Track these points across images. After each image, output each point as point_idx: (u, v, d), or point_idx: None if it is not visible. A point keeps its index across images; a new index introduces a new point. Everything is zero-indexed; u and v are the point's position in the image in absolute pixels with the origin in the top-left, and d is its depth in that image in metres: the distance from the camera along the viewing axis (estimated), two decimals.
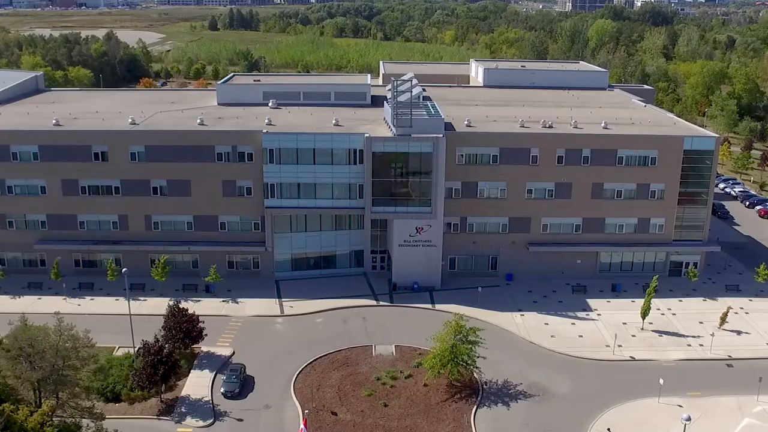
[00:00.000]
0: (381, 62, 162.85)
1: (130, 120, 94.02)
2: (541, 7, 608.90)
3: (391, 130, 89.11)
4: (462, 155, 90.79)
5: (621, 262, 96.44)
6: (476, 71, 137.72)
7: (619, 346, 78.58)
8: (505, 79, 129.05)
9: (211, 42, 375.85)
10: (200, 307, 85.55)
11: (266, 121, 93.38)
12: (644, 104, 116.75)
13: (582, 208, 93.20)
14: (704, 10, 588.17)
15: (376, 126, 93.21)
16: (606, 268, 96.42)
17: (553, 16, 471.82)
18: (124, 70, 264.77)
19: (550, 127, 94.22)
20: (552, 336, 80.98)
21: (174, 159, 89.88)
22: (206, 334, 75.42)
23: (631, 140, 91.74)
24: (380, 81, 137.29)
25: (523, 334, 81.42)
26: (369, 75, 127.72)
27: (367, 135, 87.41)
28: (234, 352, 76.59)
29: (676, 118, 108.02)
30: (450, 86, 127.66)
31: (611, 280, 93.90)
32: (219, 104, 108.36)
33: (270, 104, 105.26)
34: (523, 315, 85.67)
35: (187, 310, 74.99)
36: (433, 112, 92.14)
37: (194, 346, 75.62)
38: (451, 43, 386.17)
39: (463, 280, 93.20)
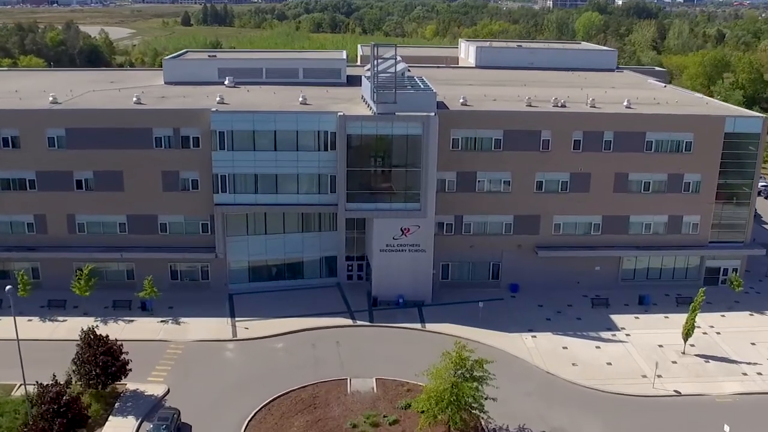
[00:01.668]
0: (359, 45, 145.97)
1: (50, 98, 76.43)
2: (520, 5, 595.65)
3: (371, 108, 72.48)
4: (457, 139, 74.24)
5: (647, 268, 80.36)
6: (466, 52, 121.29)
7: (659, 376, 62.22)
8: (500, 59, 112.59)
9: (180, 36, 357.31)
10: (132, 329, 68.88)
11: (217, 99, 76.25)
12: (664, 85, 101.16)
13: (602, 203, 77.00)
14: (684, 9, 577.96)
15: (353, 105, 76.49)
16: (629, 275, 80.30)
17: (536, 11, 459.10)
18: (84, 61, 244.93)
19: (563, 106, 77.98)
20: (573, 364, 64.52)
21: (102, 145, 72.55)
22: (131, 369, 58.08)
23: (663, 121, 75.55)
24: (358, 63, 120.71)
25: (538, 361, 64.87)
26: (344, 51, 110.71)
27: (341, 113, 70.69)
28: (168, 391, 59.21)
29: (708, 98, 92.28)
30: (438, 66, 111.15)
31: (637, 291, 77.64)
32: (166, 83, 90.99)
33: (226, 82, 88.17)
34: (535, 336, 69.17)
35: (106, 337, 57.84)
36: (422, 86, 75.59)
37: (117, 383, 58.36)
38: (432, 38, 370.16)
39: (458, 293, 76.63)
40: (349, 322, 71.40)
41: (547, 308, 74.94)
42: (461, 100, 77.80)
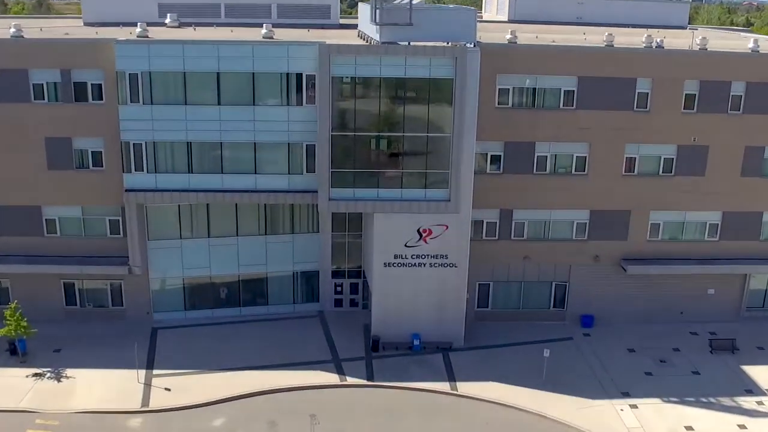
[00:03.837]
0: (359, 2, 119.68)
1: None
2: None
3: (371, 39, 46.41)
4: (506, 91, 48.03)
5: None
6: (496, 5, 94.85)
7: None
8: (541, 12, 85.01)
9: None
10: None
11: (138, 31, 50.10)
12: (766, 37, 75.14)
13: (724, 193, 50.80)
14: (696, 5, 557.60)
15: (343, 40, 50.31)
16: (758, 302, 54.10)
17: None
18: None
19: (660, 47, 51.68)
20: None
21: None
22: None
23: None
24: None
25: None
26: None
27: (323, 42, 44.46)
28: None
29: None
30: None
31: None
32: (86, 24, 65.05)
33: (168, 21, 62.06)
34: (635, 407, 42.73)
35: None
36: (451, 7, 49.60)
37: None
38: None
39: (503, 330, 50.50)
40: (335, 378, 44.93)
41: (642, 355, 48.61)
42: (509, 37, 51.60)
